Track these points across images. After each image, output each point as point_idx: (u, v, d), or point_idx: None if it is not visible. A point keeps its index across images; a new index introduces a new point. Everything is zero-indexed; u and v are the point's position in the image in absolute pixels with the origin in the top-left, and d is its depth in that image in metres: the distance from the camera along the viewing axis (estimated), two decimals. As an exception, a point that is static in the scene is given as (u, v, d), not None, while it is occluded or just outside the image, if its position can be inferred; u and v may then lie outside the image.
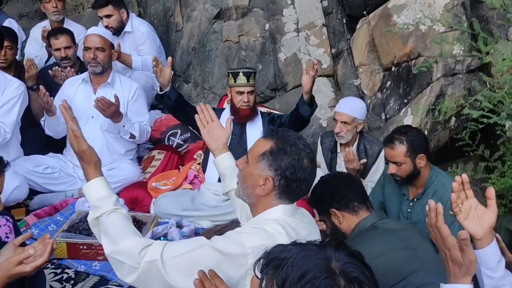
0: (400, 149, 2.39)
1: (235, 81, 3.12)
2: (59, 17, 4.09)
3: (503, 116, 2.08)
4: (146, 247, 1.41)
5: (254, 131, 3.10)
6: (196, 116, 1.93)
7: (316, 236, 1.54)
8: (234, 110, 3.15)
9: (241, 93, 3.10)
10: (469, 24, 3.00)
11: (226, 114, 3.22)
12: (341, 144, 3.09)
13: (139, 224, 2.74)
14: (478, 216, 1.40)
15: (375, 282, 1.00)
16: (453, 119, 3.16)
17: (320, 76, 4.01)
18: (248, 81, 3.10)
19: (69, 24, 4.10)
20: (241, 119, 3.14)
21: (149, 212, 3.00)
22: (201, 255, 1.38)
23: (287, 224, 1.46)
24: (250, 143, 2.84)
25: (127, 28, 4.01)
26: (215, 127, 1.89)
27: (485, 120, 2.15)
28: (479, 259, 1.41)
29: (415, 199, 2.50)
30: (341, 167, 3.07)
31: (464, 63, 3.25)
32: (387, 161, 2.96)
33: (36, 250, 1.54)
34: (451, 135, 3.15)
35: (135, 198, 3.08)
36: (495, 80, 2.36)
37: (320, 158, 3.21)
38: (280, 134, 1.52)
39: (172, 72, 2.97)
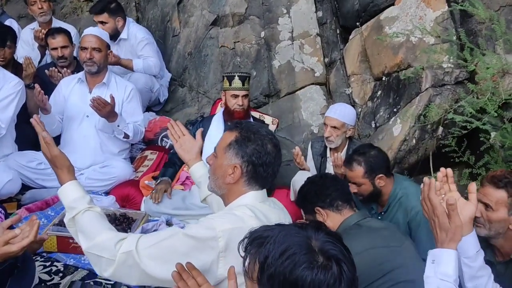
0: (358, 170, 2.46)
1: (230, 85, 3.18)
2: (46, 18, 4.15)
3: (485, 121, 2.15)
4: (121, 240, 1.48)
5: (246, 134, 3.15)
6: (168, 132, 2.08)
7: (286, 222, 1.61)
8: (228, 113, 3.21)
9: (236, 96, 3.16)
10: (458, 36, 3.09)
11: (217, 119, 3.28)
12: (330, 149, 3.16)
13: (129, 221, 2.77)
14: (459, 208, 1.48)
15: (352, 262, 1.06)
16: (440, 128, 3.24)
17: (313, 84, 4.09)
18: (243, 85, 3.17)
19: (57, 24, 4.16)
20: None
21: (139, 210, 3.03)
22: (175, 242, 1.45)
23: (257, 209, 1.55)
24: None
25: (123, 35, 4.05)
26: (187, 140, 2.00)
27: (468, 125, 2.22)
28: (459, 248, 1.49)
29: (383, 213, 2.56)
30: (330, 171, 3.12)
31: (453, 75, 3.33)
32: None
33: (23, 231, 1.58)
34: (438, 144, 3.22)
35: (126, 195, 3.12)
36: (479, 88, 2.45)
37: (310, 162, 3.27)
38: (244, 125, 1.65)
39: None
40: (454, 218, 1.40)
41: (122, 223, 2.76)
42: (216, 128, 3.19)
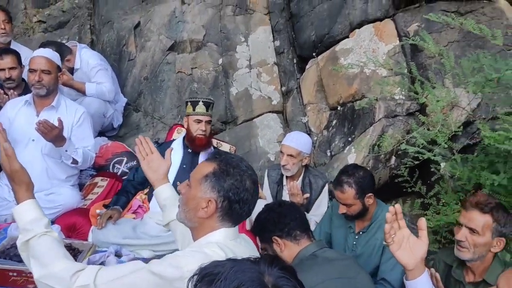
0: (349, 192, 2.44)
1: (194, 109, 3.12)
2: (7, 39, 3.97)
3: (437, 152, 2.21)
4: (78, 271, 1.36)
5: (207, 161, 3.09)
6: (135, 148, 1.93)
7: None
8: (189, 139, 3.14)
9: (199, 121, 3.10)
10: (409, 70, 3.21)
11: (177, 145, 3.20)
12: (287, 177, 3.14)
13: (74, 252, 2.60)
14: (410, 247, 1.46)
15: None
16: (393, 158, 3.32)
17: (270, 112, 4.12)
18: (206, 110, 3.12)
19: (16, 47, 3.98)
20: (196, 147, 3.13)
21: (87, 240, 2.87)
22: (138, 279, 1.34)
23: (227, 247, 1.45)
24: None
25: (75, 65, 3.92)
26: (155, 158, 1.88)
27: (420, 156, 2.27)
28: None
29: (361, 232, 2.56)
30: (287, 199, 3.10)
31: (404, 106, 3.45)
32: (331, 197, 3.04)
33: None
34: (391, 174, 3.29)
35: (72, 225, 2.94)
36: (430, 120, 2.52)
37: (266, 191, 3.24)
38: (223, 157, 1.54)
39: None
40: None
41: (67, 254, 2.59)
42: (176, 154, 3.11)
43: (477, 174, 2.47)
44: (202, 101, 3.11)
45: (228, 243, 1.48)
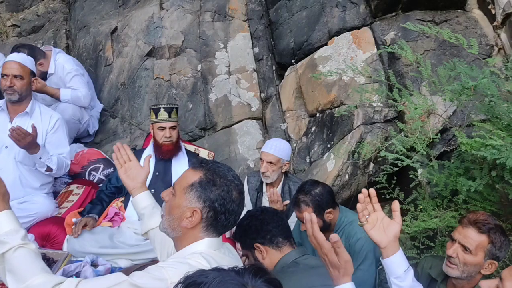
0: (307, 211, 2.39)
1: (156, 117, 3.10)
2: None
3: (415, 159, 2.24)
4: (57, 285, 1.31)
5: (180, 167, 3.06)
6: (113, 155, 1.89)
7: None
8: (156, 146, 3.11)
9: (163, 128, 3.08)
10: (386, 77, 3.25)
11: (149, 153, 3.16)
12: (266, 184, 3.13)
13: (49, 262, 2.54)
14: (383, 227, 1.49)
15: None
16: (372, 164, 3.34)
17: (249, 118, 4.11)
18: (169, 116, 3.09)
19: None
20: (164, 154, 3.10)
21: (61, 249, 2.79)
22: None
23: (212, 257, 1.43)
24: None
25: (50, 70, 3.83)
26: (133, 166, 1.85)
27: (399, 163, 2.30)
28: (387, 268, 1.49)
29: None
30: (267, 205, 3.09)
31: (382, 113, 3.49)
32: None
33: None
34: (369, 180, 3.32)
35: (47, 234, 2.86)
36: (408, 127, 2.56)
37: (246, 198, 3.21)
38: (210, 165, 1.51)
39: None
40: (341, 254, 1.41)
41: (41, 264, 2.51)
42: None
43: (453, 180, 2.51)
44: (163, 108, 3.09)
45: (212, 253, 1.45)
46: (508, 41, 3.46)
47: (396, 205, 1.54)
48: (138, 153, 3.24)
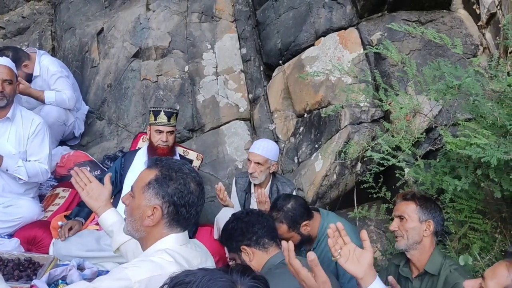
0: (282, 228, 2.44)
1: (155, 119, 3.07)
2: None
3: (401, 158, 2.25)
4: None
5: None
6: (72, 180, 1.92)
7: (209, 265, 1.53)
8: (151, 148, 3.08)
9: (160, 132, 3.05)
10: (373, 77, 3.27)
11: (141, 154, 3.14)
12: (255, 185, 3.13)
13: (35, 266, 2.51)
14: (357, 257, 1.52)
15: None
16: (359, 164, 3.36)
17: (237, 119, 4.10)
18: (168, 121, 3.06)
19: None
20: None
21: (48, 253, 2.76)
22: None
23: (177, 253, 1.45)
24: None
25: (35, 72, 3.77)
26: (94, 187, 1.86)
27: (385, 162, 2.31)
28: None
29: (312, 249, 2.57)
30: (255, 207, 3.08)
31: (369, 113, 3.51)
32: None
33: None
34: (357, 180, 3.33)
35: (33, 238, 2.83)
36: (394, 126, 2.57)
37: (234, 199, 3.21)
38: (164, 162, 1.53)
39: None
40: (318, 274, 1.44)
41: (26, 268, 2.49)
42: (139, 164, 3.04)
43: (439, 179, 2.53)
44: (164, 111, 3.06)
45: (177, 248, 1.47)
46: (492, 40, 3.49)
47: (364, 234, 1.58)
48: (130, 154, 3.21)
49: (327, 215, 2.60)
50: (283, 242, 1.55)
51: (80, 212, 2.94)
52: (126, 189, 2.93)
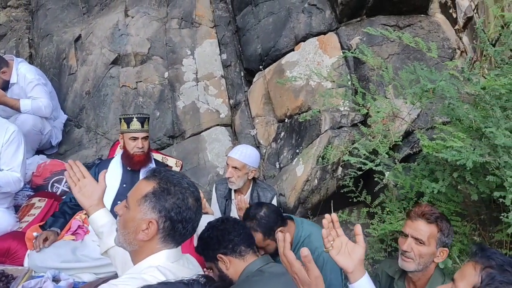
0: (257, 236, 2.40)
1: (128, 127, 3.01)
2: None
3: (378, 162, 2.25)
4: None
5: (148, 178, 2.99)
6: (65, 173, 1.82)
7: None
8: (127, 157, 3.02)
9: (135, 139, 2.99)
10: (351, 82, 3.27)
11: (115, 163, 3.07)
12: (235, 191, 3.10)
13: (8, 279, 2.44)
14: (348, 251, 1.50)
15: None
16: (340, 168, 3.35)
17: (218, 125, 4.07)
18: (142, 126, 3.02)
19: None
20: (134, 165, 3.02)
21: (22, 265, 2.69)
22: None
23: (169, 270, 1.39)
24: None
25: (12, 79, 3.71)
26: (88, 183, 1.78)
27: (362, 166, 2.30)
28: None
29: None
30: (235, 214, 3.05)
31: (349, 117, 3.51)
32: (281, 208, 3.02)
33: None
34: (338, 184, 3.32)
35: (6, 249, 2.75)
36: (371, 130, 2.58)
37: (214, 205, 3.18)
38: (163, 174, 1.46)
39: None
40: (311, 270, 1.40)
41: (-1, 281, 2.42)
42: (114, 173, 2.98)
43: (418, 182, 2.53)
44: (136, 117, 3.00)
45: (169, 265, 1.41)
46: (469, 44, 3.53)
47: (358, 228, 1.54)
48: (105, 163, 3.16)
49: (301, 222, 2.57)
50: (279, 233, 1.50)
51: (55, 222, 2.87)
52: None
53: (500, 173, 1.99)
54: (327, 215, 1.55)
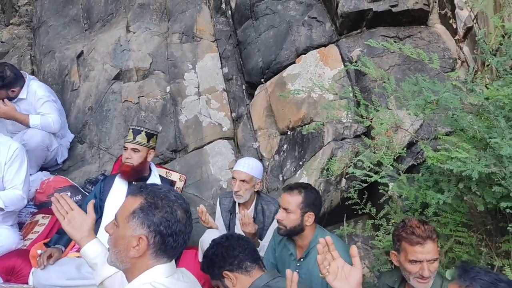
0: (296, 198, 2.45)
1: (127, 136, 3.15)
2: None
3: (383, 174, 2.24)
4: None
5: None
6: (52, 207, 1.82)
7: None
8: (120, 167, 3.13)
9: (126, 148, 3.09)
10: (353, 94, 3.28)
11: (121, 178, 3.10)
12: (239, 205, 3.09)
13: (12, 298, 2.42)
14: (345, 275, 1.49)
15: None
16: (344, 180, 3.34)
17: (220, 138, 4.08)
18: (134, 138, 3.10)
19: None
20: (122, 175, 3.10)
21: (27, 283, 2.68)
22: None
23: (164, 285, 1.39)
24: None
25: (21, 95, 3.74)
26: (76, 215, 1.77)
27: (367, 179, 2.30)
28: None
29: (301, 259, 2.53)
30: (239, 228, 3.04)
31: (352, 129, 3.51)
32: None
33: None
34: (342, 196, 3.31)
35: (11, 268, 2.74)
36: (375, 142, 2.57)
37: (218, 219, 3.16)
38: (150, 189, 1.48)
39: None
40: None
41: (4, 301, 2.40)
42: (119, 189, 2.99)
43: (423, 193, 2.51)
44: (132, 129, 3.15)
45: (164, 280, 1.42)
46: (470, 54, 3.55)
47: (354, 250, 1.54)
48: (110, 178, 3.16)
49: (322, 230, 2.58)
50: (321, 239, 1.51)
51: (59, 240, 2.86)
52: (106, 215, 2.87)
53: (506, 183, 1.98)
54: (321, 239, 1.54)
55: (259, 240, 2.97)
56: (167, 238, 1.41)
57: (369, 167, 2.27)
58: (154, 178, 3.15)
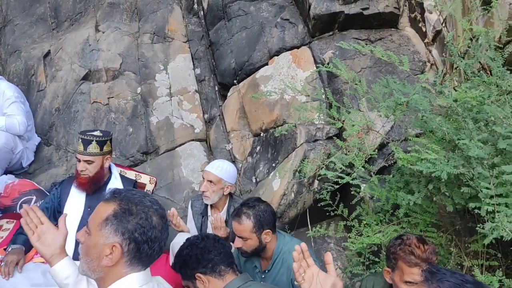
0: (247, 224, 2.37)
1: (78, 147, 2.90)
2: None
3: (355, 176, 2.25)
4: None
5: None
6: (21, 220, 1.65)
7: None
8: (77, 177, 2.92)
9: (79, 160, 2.87)
10: (326, 95, 3.29)
11: (75, 189, 2.95)
12: (211, 208, 3.05)
13: (-27, 308, 2.31)
14: (320, 282, 1.47)
15: None
16: (316, 182, 3.35)
17: (193, 140, 4.03)
18: (85, 149, 2.85)
19: None
20: (78, 186, 2.90)
21: (-12, 292, 2.56)
22: None
23: None
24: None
25: None
26: (46, 230, 1.61)
27: (339, 180, 2.30)
28: None
29: (266, 271, 2.51)
30: (211, 231, 3.00)
31: (324, 131, 3.52)
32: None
33: None
34: (315, 197, 3.32)
35: (-29, 276, 2.62)
36: (347, 143, 2.58)
37: (190, 222, 3.11)
38: (123, 194, 1.41)
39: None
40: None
41: (-37, 311, 2.29)
42: (77, 197, 2.87)
43: (394, 195, 2.54)
44: (81, 138, 2.87)
45: None
46: (439, 57, 3.61)
47: (329, 257, 1.52)
48: (68, 181, 2.98)
49: (283, 237, 2.55)
50: (296, 246, 1.48)
51: (18, 239, 2.71)
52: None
53: (474, 184, 2.02)
54: (297, 247, 1.52)
55: (231, 244, 2.94)
56: (142, 246, 1.35)
57: (341, 168, 2.28)
58: (115, 181, 3.01)
